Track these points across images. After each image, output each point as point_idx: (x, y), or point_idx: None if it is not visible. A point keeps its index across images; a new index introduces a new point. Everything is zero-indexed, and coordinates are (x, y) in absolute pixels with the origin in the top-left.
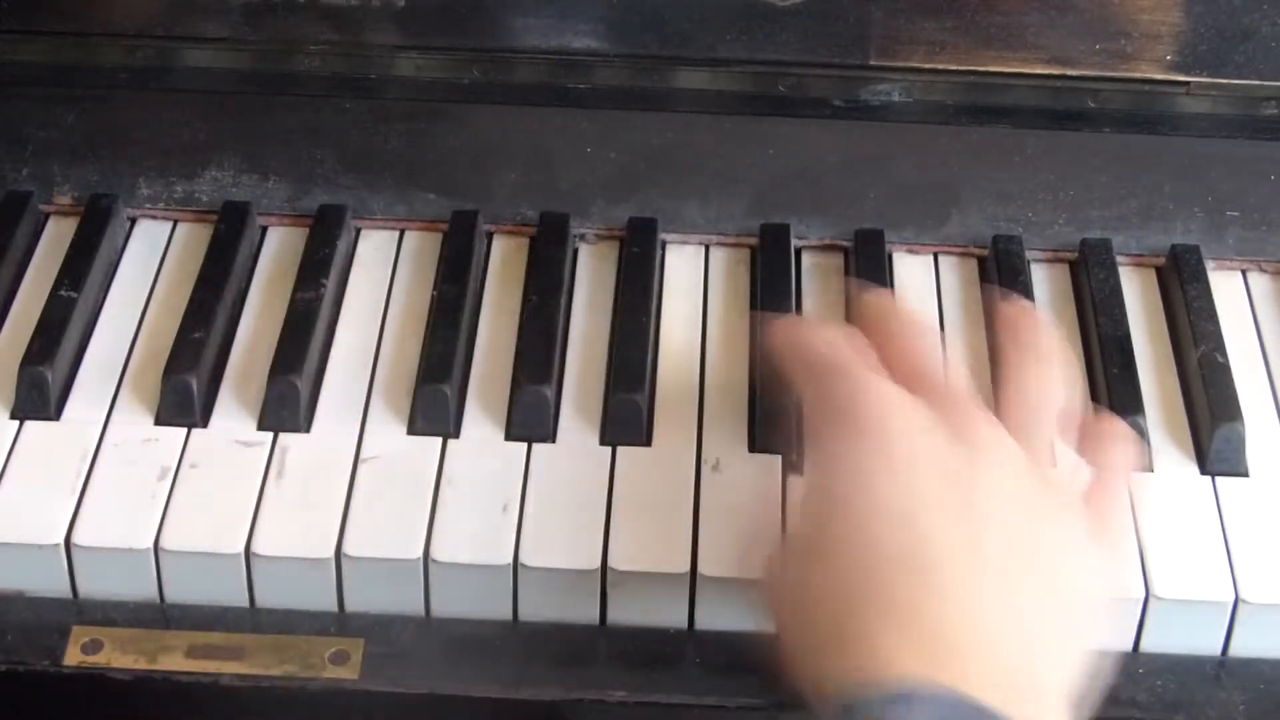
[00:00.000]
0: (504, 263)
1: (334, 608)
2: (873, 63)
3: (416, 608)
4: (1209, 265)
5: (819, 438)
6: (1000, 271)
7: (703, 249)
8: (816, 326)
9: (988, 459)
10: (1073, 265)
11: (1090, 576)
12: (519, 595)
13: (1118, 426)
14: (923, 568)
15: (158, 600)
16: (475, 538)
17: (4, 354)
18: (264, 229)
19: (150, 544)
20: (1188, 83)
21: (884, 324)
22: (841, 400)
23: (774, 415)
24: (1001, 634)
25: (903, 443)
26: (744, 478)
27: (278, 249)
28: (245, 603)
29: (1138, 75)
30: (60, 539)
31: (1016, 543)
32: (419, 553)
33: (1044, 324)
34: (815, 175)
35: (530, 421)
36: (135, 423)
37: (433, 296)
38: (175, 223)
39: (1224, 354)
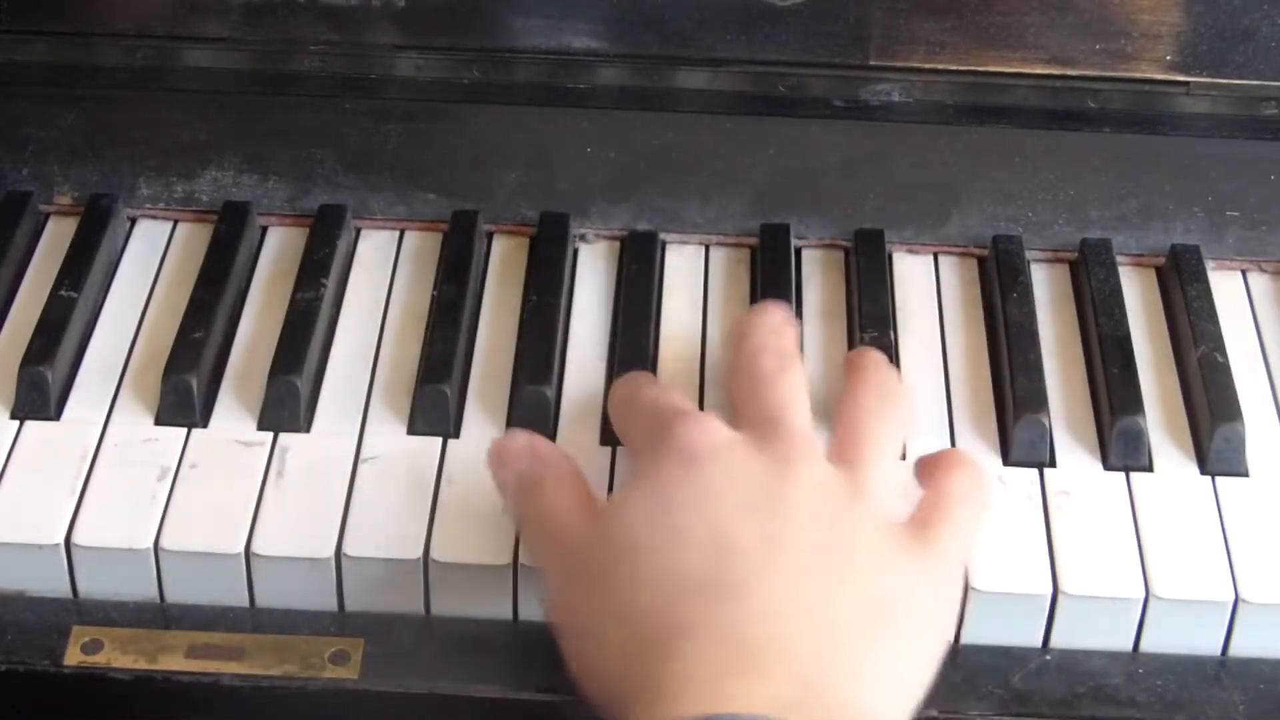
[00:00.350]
0: (504, 263)
1: (334, 608)
2: (873, 63)
3: (416, 608)
4: (1209, 265)
5: (635, 460)
6: (1000, 271)
7: (703, 249)
8: (640, 378)
9: (798, 479)
10: (1073, 265)
11: (904, 588)
12: (519, 595)
13: (958, 454)
14: (731, 589)
15: (158, 600)
16: (475, 538)
17: (4, 354)
18: (264, 229)
19: (150, 544)
20: (1188, 83)
21: (751, 350)
22: (663, 433)
23: None
24: (805, 641)
25: (710, 461)
26: None
27: (278, 249)
28: (245, 603)
29: (1138, 75)
30: (60, 539)
31: (821, 555)
32: (419, 553)
33: (884, 363)
34: (815, 175)
35: (530, 421)
36: (135, 423)
37: (433, 296)
38: (175, 223)
39: (1224, 354)
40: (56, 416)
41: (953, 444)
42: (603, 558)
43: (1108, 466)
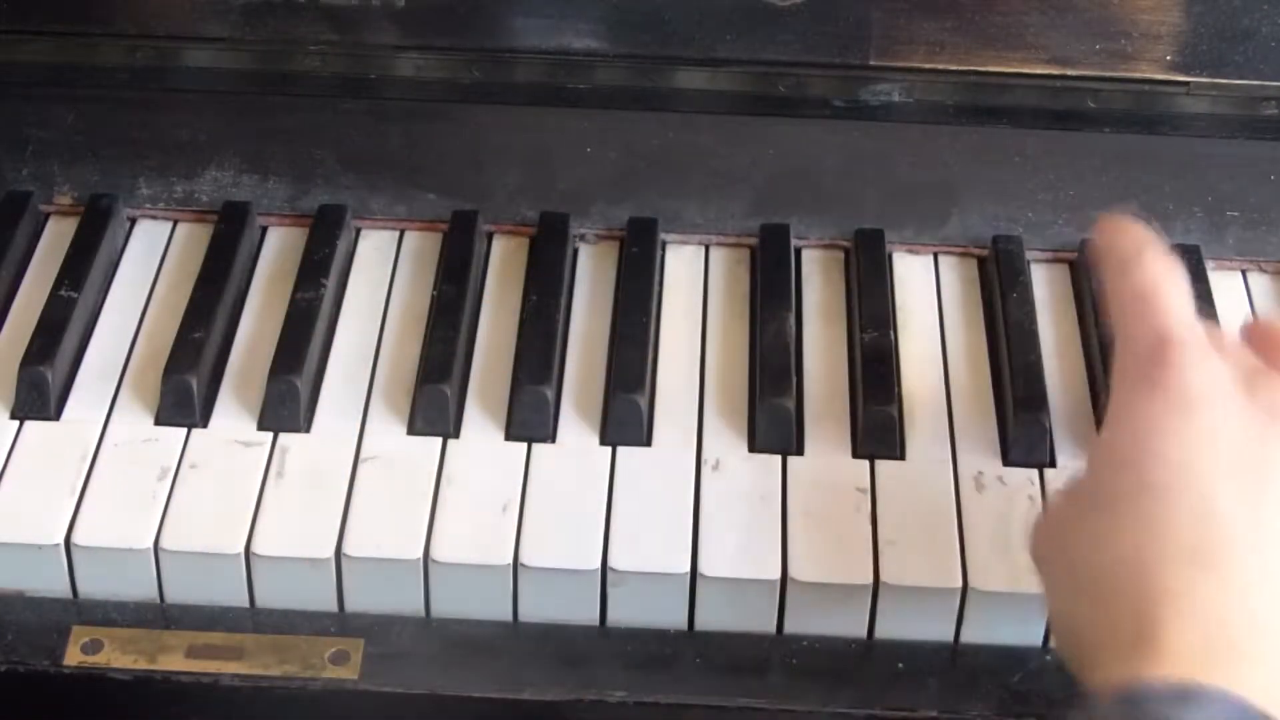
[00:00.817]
0: (504, 263)
1: (334, 608)
2: (873, 63)
3: (416, 608)
4: (1209, 265)
5: (1121, 381)
6: (1000, 271)
7: (703, 249)
8: (1145, 245)
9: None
10: (1072, 265)
11: None
12: (519, 595)
13: None
14: (1213, 560)
15: (158, 600)
16: (475, 538)
17: (4, 354)
18: (264, 229)
19: (150, 544)
20: (1188, 83)
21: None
22: (1149, 348)
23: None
24: None
25: (1202, 409)
26: (744, 477)
27: (278, 249)
28: (245, 603)
29: (1138, 75)
30: (60, 539)
31: None
32: (419, 553)
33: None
34: (815, 175)
35: (530, 421)
36: (135, 423)
37: (433, 296)
38: (175, 223)
39: None
40: (56, 416)
41: (952, 444)
42: (1095, 494)
43: None
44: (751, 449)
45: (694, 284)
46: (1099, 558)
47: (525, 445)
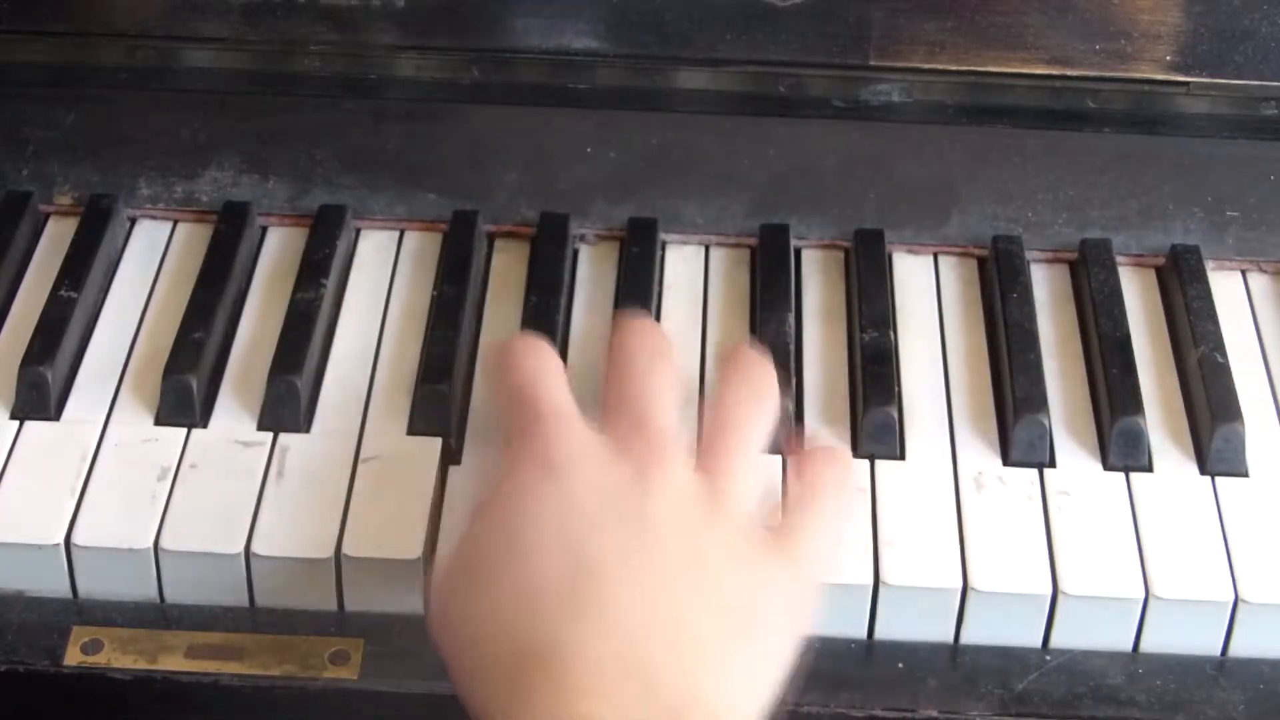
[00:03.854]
0: (504, 263)
1: (334, 608)
2: (873, 63)
3: (416, 608)
4: (1209, 265)
5: (504, 456)
6: (1000, 271)
7: (703, 249)
8: (523, 350)
9: (656, 490)
10: (1073, 265)
11: (763, 597)
12: None
13: (827, 449)
14: (580, 603)
15: (158, 600)
16: None
17: (4, 354)
18: (264, 229)
19: (150, 544)
20: (1188, 83)
21: (623, 351)
22: (525, 423)
23: None
24: (661, 658)
25: (568, 472)
26: None
27: (278, 249)
28: (245, 603)
29: (1138, 75)
30: (60, 539)
31: (678, 568)
32: (419, 553)
33: (756, 358)
34: (815, 175)
35: None
36: (135, 423)
37: (433, 296)
38: (175, 223)
39: (1224, 354)
40: (56, 416)
41: (952, 444)
42: (470, 565)
43: (1108, 466)
44: None
45: (694, 284)
46: (482, 631)
47: None
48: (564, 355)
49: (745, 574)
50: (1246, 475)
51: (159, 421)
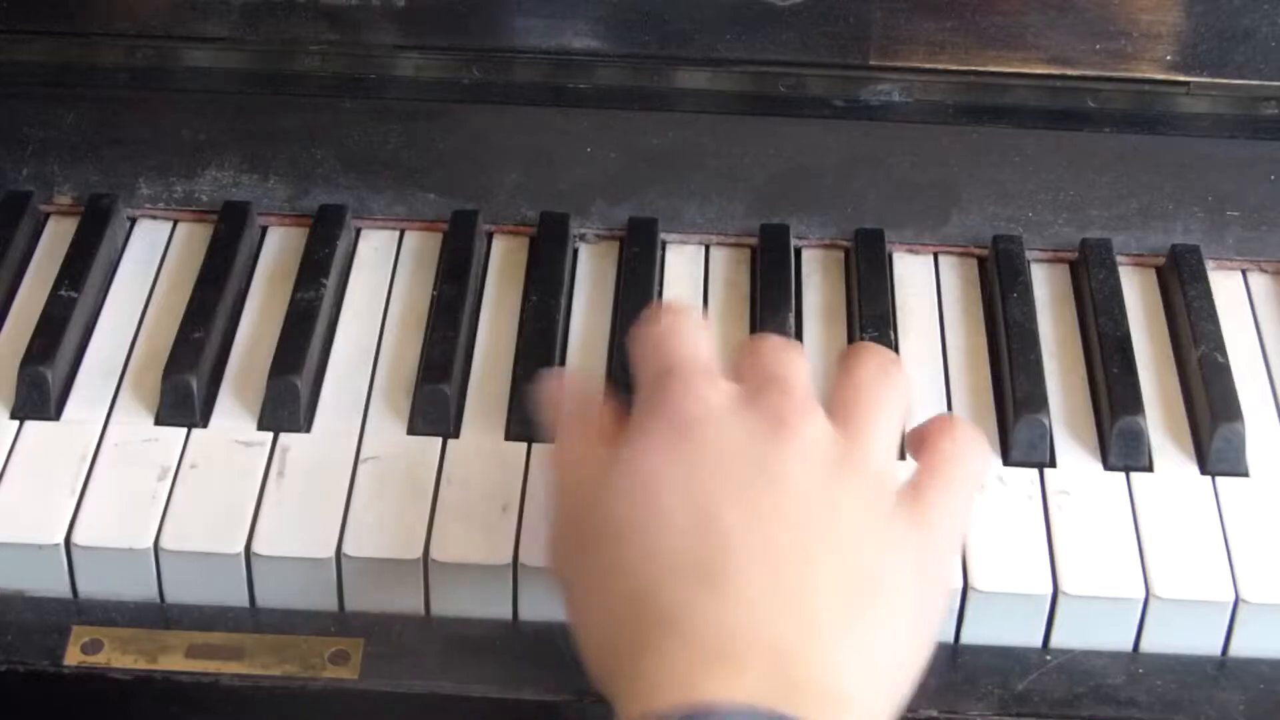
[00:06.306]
0: (504, 263)
1: (334, 608)
2: (873, 63)
3: (416, 608)
4: (1209, 265)
5: (634, 412)
6: (1000, 271)
7: (703, 249)
8: (667, 308)
9: (792, 443)
10: (1073, 265)
11: (892, 565)
12: (519, 595)
13: (953, 421)
14: (715, 577)
15: (158, 600)
16: (475, 538)
17: (4, 354)
18: (264, 229)
19: (150, 544)
20: (1188, 83)
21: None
22: (653, 380)
23: None
24: (783, 626)
25: (698, 429)
26: None
27: (278, 249)
28: (245, 603)
29: (1138, 75)
30: (60, 539)
31: (807, 529)
32: (419, 553)
33: (885, 349)
34: (815, 175)
35: (530, 422)
36: (135, 423)
37: (433, 296)
38: (175, 223)
39: (1224, 354)
40: (56, 416)
41: None
42: (595, 530)
43: (1108, 466)
44: None
45: (694, 284)
46: (611, 585)
47: (525, 445)
48: (563, 355)
49: (877, 533)
50: (1247, 475)
51: (159, 421)
